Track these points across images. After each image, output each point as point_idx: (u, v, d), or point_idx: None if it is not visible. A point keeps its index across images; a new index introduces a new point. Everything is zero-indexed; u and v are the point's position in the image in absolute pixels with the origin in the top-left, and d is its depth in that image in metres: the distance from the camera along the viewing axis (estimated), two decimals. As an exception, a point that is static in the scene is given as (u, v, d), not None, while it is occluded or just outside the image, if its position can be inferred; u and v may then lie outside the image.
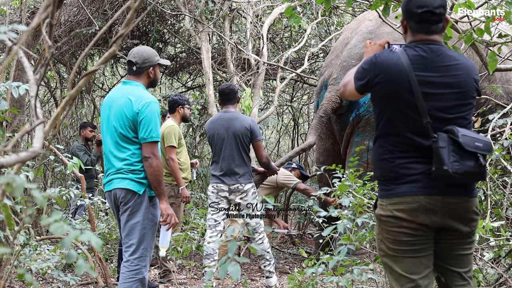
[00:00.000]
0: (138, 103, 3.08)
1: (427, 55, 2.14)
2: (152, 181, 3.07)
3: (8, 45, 1.44)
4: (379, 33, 5.31)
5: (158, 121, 3.10)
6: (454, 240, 2.16)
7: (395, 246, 2.13)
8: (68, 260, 1.30)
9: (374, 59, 2.17)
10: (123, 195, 3.11)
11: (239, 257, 1.77)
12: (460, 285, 2.19)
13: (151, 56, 3.24)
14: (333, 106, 5.21)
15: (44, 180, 7.64)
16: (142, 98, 3.10)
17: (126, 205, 3.11)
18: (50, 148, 4.76)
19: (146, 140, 3.06)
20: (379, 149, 2.19)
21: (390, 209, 2.12)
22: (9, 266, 3.70)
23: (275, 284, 4.59)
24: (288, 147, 11.34)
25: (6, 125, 4.78)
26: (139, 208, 3.10)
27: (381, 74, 2.14)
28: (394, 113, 2.14)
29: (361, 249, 4.90)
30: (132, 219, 3.10)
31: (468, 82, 2.17)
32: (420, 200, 2.08)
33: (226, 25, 7.34)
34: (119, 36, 1.38)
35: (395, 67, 2.13)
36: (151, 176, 3.06)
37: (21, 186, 1.18)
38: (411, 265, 2.13)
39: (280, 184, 5.66)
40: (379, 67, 2.15)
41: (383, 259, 2.21)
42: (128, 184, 3.10)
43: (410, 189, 2.09)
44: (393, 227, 2.13)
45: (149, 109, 3.08)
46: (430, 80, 2.12)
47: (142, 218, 3.09)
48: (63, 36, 7.13)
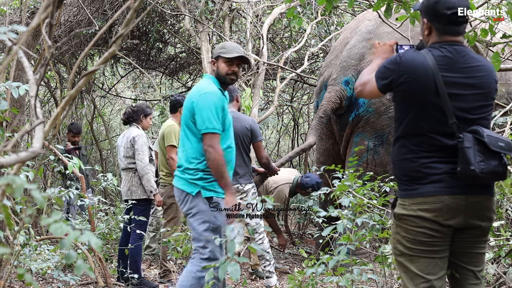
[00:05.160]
0: (195, 94, 3.06)
1: (453, 56, 2.16)
2: (213, 173, 3.02)
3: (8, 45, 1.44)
4: (378, 32, 5.31)
5: (216, 112, 3.01)
6: (472, 238, 2.19)
7: (413, 245, 2.15)
8: (68, 261, 1.30)
9: (398, 59, 2.17)
10: (179, 194, 3.11)
11: (239, 257, 1.77)
12: (473, 284, 2.22)
13: (216, 49, 3.21)
14: (332, 106, 5.21)
15: (44, 180, 7.64)
16: (200, 88, 3.07)
17: (183, 207, 3.10)
18: (50, 148, 4.76)
19: (202, 131, 3.01)
20: (401, 149, 2.21)
21: (413, 208, 2.14)
22: (9, 266, 3.70)
23: (275, 284, 4.59)
24: (288, 147, 11.34)
25: (6, 125, 4.78)
26: (197, 210, 3.03)
27: (406, 75, 2.14)
28: (418, 113, 2.15)
29: (361, 249, 4.90)
30: (191, 222, 3.06)
31: (490, 83, 2.21)
32: (445, 200, 2.10)
33: (226, 25, 7.34)
34: (119, 36, 1.38)
35: (421, 67, 2.13)
36: (211, 169, 3.02)
37: (21, 187, 1.18)
38: (427, 265, 2.15)
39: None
40: (404, 67, 2.15)
41: (398, 258, 2.23)
42: (182, 184, 3.09)
43: (434, 189, 2.11)
44: (414, 227, 2.14)
45: (204, 99, 3.01)
46: (455, 81, 2.14)
47: (202, 220, 3.02)
48: (63, 36, 7.12)
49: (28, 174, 3.25)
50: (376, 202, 3.48)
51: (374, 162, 5.16)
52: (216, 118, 3.01)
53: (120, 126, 11.62)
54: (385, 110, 5.08)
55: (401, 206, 2.19)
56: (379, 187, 3.71)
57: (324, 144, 5.71)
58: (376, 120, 5.12)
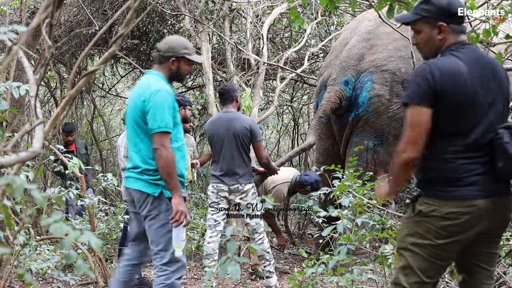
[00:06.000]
0: (146, 92, 2.93)
1: (474, 56, 2.16)
2: (162, 173, 2.89)
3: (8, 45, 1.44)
4: (378, 33, 5.32)
5: (168, 111, 2.92)
6: (492, 239, 2.20)
7: (427, 246, 2.12)
8: (68, 261, 1.30)
9: (428, 69, 2.11)
10: (138, 196, 3.00)
11: (239, 257, 1.77)
12: (487, 284, 2.23)
13: (176, 47, 3.06)
14: (332, 106, 5.21)
15: (44, 180, 7.64)
16: (150, 86, 2.95)
17: (143, 209, 2.99)
18: (50, 148, 4.76)
19: (154, 131, 2.89)
20: (436, 150, 2.17)
21: (444, 210, 2.09)
22: (9, 266, 3.70)
23: (275, 284, 4.59)
24: (288, 147, 11.34)
25: (6, 125, 4.78)
26: (158, 212, 2.95)
27: (443, 83, 2.09)
28: (454, 114, 2.12)
29: (361, 249, 4.90)
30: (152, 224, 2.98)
31: (506, 79, 2.22)
32: (478, 203, 2.08)
33: (226, 25, 7.34)
34: (119, 36, 1.38)
35: (456, 72, 2.11)
36: (161, 169, 2.89)
37: (21, 187, 1.18)
38: (430, 268, 2.13)
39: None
40: (439, 77, 2.10)
41: (401, 250, 2.19)
42: (143, 186, 2.98)
43: (470, 192, 2.09)
44: (437, 228, 2.11)
45: (157, 97, 2.90)
46: (483, 80, 2.14)
47: (163, 222, 2.95)
48: (63, 36, 7.12)
49: (28, 174, 3.25)
50: (376, 202, 3.48)
51: (374, 162, 5.16)
52: (169, 116, 2.92)
53: (120, 126, 11.63)
54: (385, 110, 5.08)
55: (427, 205, 2.14)
56: (379, 187, 3.71)
57: (324, 144, 5.71)
58: (375, 120, 5.12)
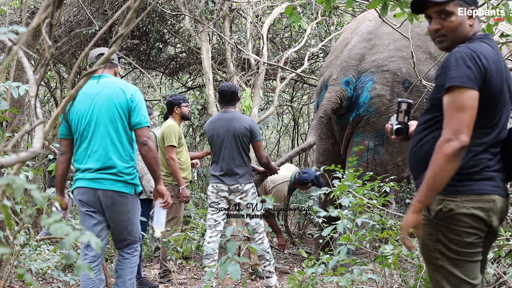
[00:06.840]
0: (130, 90, 3.18)
1: (497, 47, 2.08)
2: (154, 163, 3.12)
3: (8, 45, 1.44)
4: (379, 33, 5.32)
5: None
6: (490, 241, 2.11)
7: (461, 248, 1.98)
8: (68, 261, 1.30)
9: (475, 53, 1.95)
10: (115, 197, 3.11)
11: (239, 257, 1.77)
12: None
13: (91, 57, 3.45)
14: (333, 106, 5.21)
15: (44, 180, 7.64)
16: (127, 85, 3.22)
17: (123, 209, 3.16)
18: (50, 148, 4.76)
19: (142, 125, 3.12)
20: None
21: (466, 206, 1.97)
22: (9, 266, 3.70)
23: (275, 284, 4.59)
24: (288, 147, 11.34)
25: (6, 125, 4.78)
26: (137, 208, 3.24)
27: (488, 69, 1.96)
28: (489, 105, 1.99)
29: (361, 249, 4.90)
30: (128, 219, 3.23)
31: (510, 77, 2.14)
32: (495, 199, 2.00)
33: (226, 25, 7.34)
34: (119, 36, 1.38)
35: (497, 60, 2.00)
36: (152, 159, 3.11)
37: (21, 187, 1.18)
38: (473, 269, 2.01)
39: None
40: (486, 62, 1.96)
41: (438, 262, 2.01)
42: (122, 187, 3.13)
43: (488, 187, 1.99)
44: (464, 227, 1.97)
45: (139, 95, 3.22)
46: (507, 73, 2.06)
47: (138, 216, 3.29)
48: (63, 36, 7.12)
49: (28, 174, 3.26)
50: (376, 202, 3.48)
51: (375, 162, 5.16)
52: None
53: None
54: (386, 110, 5.08)
55: (447, 203, 1.99)
56: (379, 187, 3.71)
57: (324, 144, 5.71)
58: (376, 120, 5.12)
